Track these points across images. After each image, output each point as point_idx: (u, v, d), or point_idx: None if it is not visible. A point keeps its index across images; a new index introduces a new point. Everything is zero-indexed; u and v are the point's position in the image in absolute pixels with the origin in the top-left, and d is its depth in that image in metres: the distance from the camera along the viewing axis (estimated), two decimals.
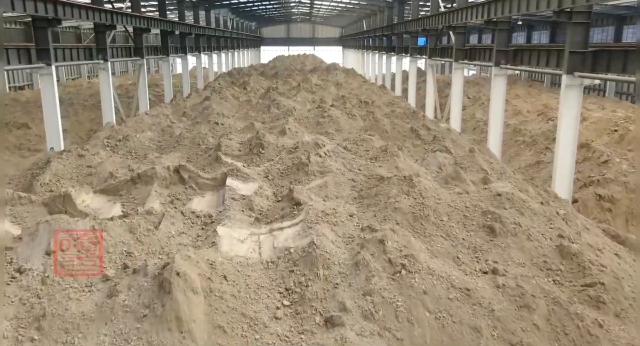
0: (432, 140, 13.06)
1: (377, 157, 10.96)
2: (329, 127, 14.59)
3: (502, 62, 19.78)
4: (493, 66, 20.02)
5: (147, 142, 13.16)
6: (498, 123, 20.16)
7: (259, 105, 19.45)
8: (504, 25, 19.73)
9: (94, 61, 23.58)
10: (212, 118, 15.28)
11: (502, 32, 19.82)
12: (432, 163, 11.31)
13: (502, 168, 11.13)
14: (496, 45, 19.88)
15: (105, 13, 23.13)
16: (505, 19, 19.46)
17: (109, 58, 24.13)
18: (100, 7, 22.84)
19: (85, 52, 23.20)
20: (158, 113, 18.77)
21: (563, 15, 14.55)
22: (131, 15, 26.13)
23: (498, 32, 19.80)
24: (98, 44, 23.71)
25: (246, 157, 11.48)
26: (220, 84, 29.17)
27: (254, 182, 9.67)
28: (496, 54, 19.79)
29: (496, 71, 19.94)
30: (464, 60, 24.50)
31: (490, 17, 19.40)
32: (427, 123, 15.26)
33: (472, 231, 8.01)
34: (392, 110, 17.89)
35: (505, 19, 19.46)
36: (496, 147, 20.10)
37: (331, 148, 10.79)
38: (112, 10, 23.88)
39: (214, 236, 7.42)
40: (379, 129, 14.28)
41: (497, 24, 19.70)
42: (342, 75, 32.47)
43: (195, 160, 11.95)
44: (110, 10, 23.67)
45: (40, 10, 17.79)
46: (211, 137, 13.86)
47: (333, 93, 23.15)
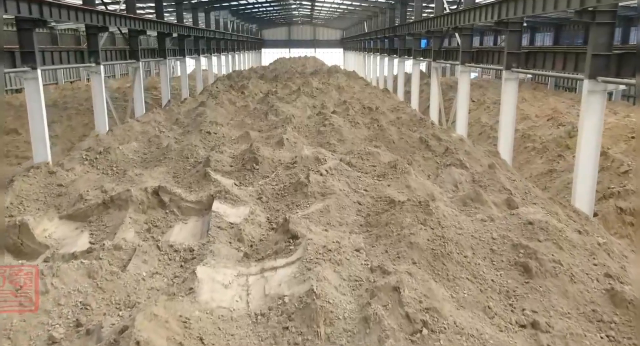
0: (444, 153, 11.62)
1: (385, 174, 9.52)
2: (331, 136, 13.15)
3: (513, 66, 18.33)
4: (504, 69, 18.56)
5: (131, 155, 11.73)
6: (509, 130, 18.72)
7: (257, 111, 18.02)
8: (516, 26, 18.28)
9: (86, 64, 22.15)
10: (204, 126, 13.84)
11: (514, 34, 18.36)
12: (446, 181, 9.87)
13: (526, 186, 9.69)
14: (507, 47, 18.43)
15: (97, 14, 21.70)
16: (517, 19, 18.02)
17: (102, 61, 22.71)
18: (92, 7, 21.42)
19: (76, 55, 21.76)
20: (149, 120, 17.36)
21: (585, 15, 13.11)
22: (125, 16, 24.69)
23: (509, 33, 18.35)
24: (90, 46, 22.27)
25: (238, 173, 10.05)
26: (218, 87, 27.75)
27: (245, 206, 8.24)
28: (507, 57, 18.33)
29: (507, 75, 18.48)
30: (471, 63, 23.06)
31: (501, 17, 17.95)
32: (437, 132, 13.81)
33: (502, 269, 6.58)
34: (398, 117, 16.44)
35: (517, 19, 18.02)
36: (507, 155, 18.65)
37: (333, 164, 9.34)
38: (105, 11, 22.46)
39: (192, 279, 5.99)
40: (385, 139, 12.84)
41: (508, 25, 18.26)
42: (344, 78, 31.04)
43: (182, 175, 10.52)
44: (103, 12, 22.24)
45: (23, 11, 16.34)
46: (202, 148, 12.43)
47: (334, 98, 21.71)
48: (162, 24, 30.12)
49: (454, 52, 26.22)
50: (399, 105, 19.54)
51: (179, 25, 33.85)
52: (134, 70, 27.52)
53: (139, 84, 27.12)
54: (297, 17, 76.42)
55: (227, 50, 50.98)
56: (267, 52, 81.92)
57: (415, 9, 32.00)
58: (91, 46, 22.36)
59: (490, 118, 28.51)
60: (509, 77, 18.49)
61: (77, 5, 20.59)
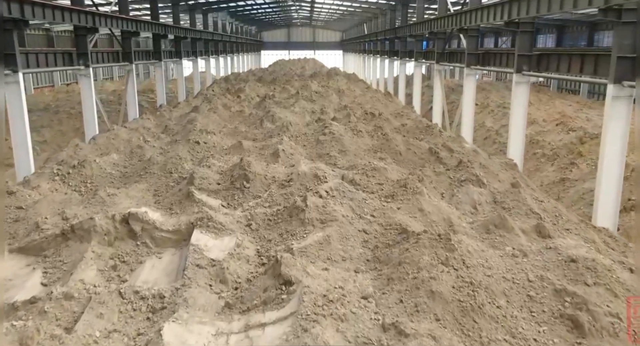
0: (458, 166, 10.24)
1: (395, 195, 8.14)
2: (331, 147, 11.77)
3: (524, 69, 16.98)
4: (514, 73, 17.20)
5: (110, 168, 10.34)
6: (519, 136, 17.35)
7: (252, 117, 16.65)
8: (528, 26, 16.91)
9: (74, 67, 20.79)
10: (193, 135, 12.45)
11: (525, 35, 16.99)
12: (463, 201, 8.50)
13: (555, 208, 8.31)
14: (518, 49, 17.06)
15: (85, 14, 20.33)
16: (529, 19, 16.66)
17: (92, 63, 21.36)
18: (80, 7, 20.05)
19: (64, 57, 20.40)
20: (138, 126, 15.98)
21: (611, 13, 11.75)
22: (117, 17, 23.31)
23: (520, 34, 16.98)
24: (79, 48, 20.90)
25: (226, 192, 8.67)
26: (214, 90, 26.36)
27: (231, 235, 6.86)
28: (518, 59, 16.97)
29: (518, 78, 17.12)
30: (477, 66, 21.70)
31: (512, 17, 16.58)
32: (448, 142, 12.43)
33: (544, 324, 5.21)
34: (403, 124, 15.05)
35: (529, 19, 16.66)
36: (517, 163, 17.29)
37: (334, 184, 7.97)
38: (94, 11, 21.08)
39: (158, 342, 4.63)
40: (391, 150, 11.46)
41: (519, 26, 16.90)
42: (344, 80, 29.65)
43: (164, 194, 9.15)
44: (92, 12, 20.86)
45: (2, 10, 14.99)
46: (190, 159, 11.06)
47: (334, 102, 20.34)
48: (156, 25, 28.73)
49: (459, 54, 24.88)
50: (403, 111, 18.15)
51: (175, 27, 32.47)
52: (127, 72, 26.17)
53: (132, 87, 25.75)
54: (296, 19, 75.08)
55: (226, 52, 49.61)
56: (266, 53, 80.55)
57: (417, 10, 30.64)
58: (80, 48, 20.99)
59: (495, 122, 27.15)
60: (520, 80, 17.13)
61: (64, 5, 19.22)
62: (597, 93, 37.97)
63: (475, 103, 30.10)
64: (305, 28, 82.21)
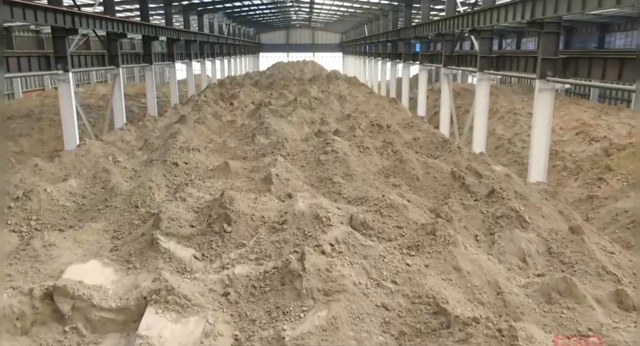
0: (490, 196, 8.24)
1: (420, 246, 6.14)
2: (334, 169, 9.77)
3: (548, 74, 14.99)
4: (537, 79, 15.21)
5: (64, 200, 8.31)
6: (542, 149, 15.36)
7: (245, 129, 14.65)
8: (553, 27, 14.91)
9: (52, 72, 18.79)
10: (172, 154, 10.42)
11: (550, 36, 14.99)
12: (508, 251, 6.50)
13: (630, 261, 6.32)
14: (542, 52, 15.06)
15: (63, 14, 18.34)
16: (555, 19, 14.68)
17: (72, 67, 19.37)
18: (57, 7, 18.04)
19: (40, 61, 18.39)
20: (116, 139, 14.00)
21: None
22: (100, 17, 21.32)
23: (544, 35, 14.98)
24: (56, 51, 18.90)
25: (202, 238, 6.66)
26: (207, 96, 24.34)
27: (199, 315, 4.87)
28: (542, 64, 14.97)
29: (541, 85, 15.12)
30: (490, 70, 19.71)
31: (535, 17, 14.60)
32: (472, 162, 10.43)
33: None
34: (415, 138, 13.02)
35: (555, 19, 14.68)
36: (540, 178, 15.33)
37: (342, 234, 5.97)
38: (73, 11, 19.08)
39: None
40: (406, 174, 9.45)
41: (543, 26, 14.91)
42: (345, 85, 27.63)
43: (125, 236, 7.15)
44: (71, 12, 18.87)
45: None
46: (165, 186, 9.06)
47: (336, 110, 18.34)
48: (146, 26, 26.72)
49: (469, 57, 22.91)
50: (413, 121, 16.12)
51: (166, 28, 30.46)
52: (114, 77, 24.16)
53: (119, 92, 23.74)
54: (295, 21, 73.09)
55: (223, 54, 47.59)
56: (264, 56, 78.51)
57: (422, 10, 28.64)
58: (58, 51, 18.99)
59: (506, 129, 25.13)
60: (544, 87, 15.13)
61: (38, 4, 17.22)
62: (608, 97, 35.96)
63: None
64: (304, 30, 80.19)
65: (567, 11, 12.92)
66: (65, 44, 18.92)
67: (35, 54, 19.38)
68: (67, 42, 19.19)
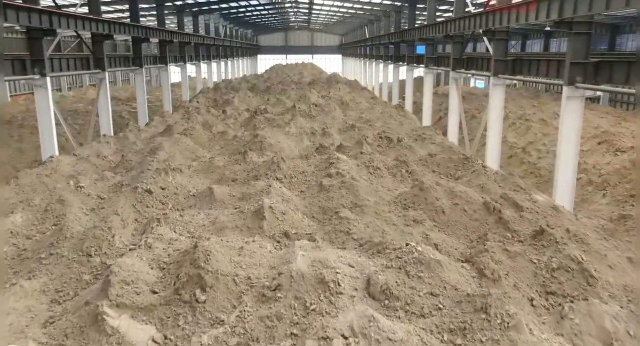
0: (537, 237, 6.48)
1: (466, 328, 4.37)
2: (341, 197, 8.00)
3: (578, 80, 13.26)
4: (565, 85, 13.46)
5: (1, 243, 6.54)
6: (570, 165, 13.61)
7: (237, 142, 12.87)
8: (584, 27, 13.17)
9: (27, 76, 16.99)
10: (146, 178, 8.64)
11: (580, 38, 13.25)
12: (585, 330, 4.72)
13: None
14: (571, 55, 13.32)
15: (40, 14, 16.53)
16: (586, 18, 12.94)
17: (49, 72, 17.59)
18: (31, 6, 16.25)
19: (14, 65, 16.60)
20: (91, 154, 12.23)
21: None
22: (82, 17, 19.52)
23: (574, 37, 13.24)
24: (32, 54, 17.11)
25: (165, 310, 4.87)
26: (199, 101, 22.57)
27: None
28: (570, 68, 13.23)
29: (570, 92, 13.37)
30: (505, 74, 17.96)
31: (564, 16, 12.86)
32: (504, 186, 8.66)
33: None
34: (431, 154, 11.23)
35: (586, 18, 12.94)
36: (568, 197, 13.60)
37: (359, 319, 4.19)
38: (51, 10, 17.29)
39: None
40: (429, 206, 7.67)
41: (572, 26, 13.18)
42: (346, 89, 25.85)
43: (68, 299, 5.38)
44: (48, 11, 17.07)
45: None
46: (132, 221, 7.29)
47: (338, 119, 16.57)
48: (135, 27, 24.90)
49: (479, 60, 21.16)
50: (425, 132, 14.31)
51: (158, 29, 28.64)
52: (99, 81, 22.36)
53: (105, 98, 21.92)
54: (294, 22, 71.38)
55: (219, 56, 45.80)
56: (263, 58, 76.72)
57: (428, 11, 26.87)
58: (34, 54, 17.19)
59: (519, 137, 23.38)
60: (573, 94, 13.38)
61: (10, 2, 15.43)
62: (619, 101, 34.25)
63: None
64: (303, 31, 78.44)
65: (606, 9, 11.18)
66: (42, 46, 17.14)
67: (9, 56, 17.58)
68: (45, 44, 17.44)
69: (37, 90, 17.58)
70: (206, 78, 42.05)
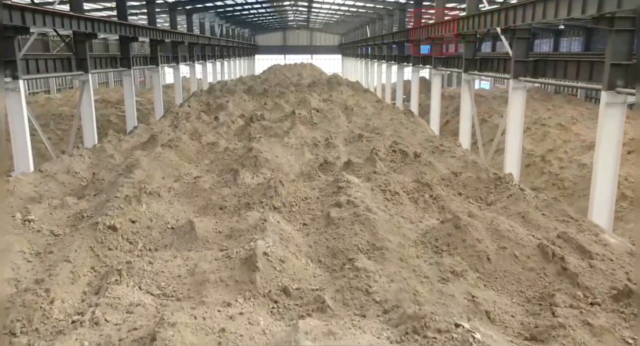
0: (621, 302, 4.87)
1: None
2: (354, 235, 6.36)
3: (618, 84, 11.65)
4: (604, 90, 11.84)
5: None
6: (610, 181, 12.02)
7: (228, 157, 11.21)
8: (625, 23, 11.56)
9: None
10: (112, 210, 6.98)
11: (621, 36, 11.62)
12: None
13: None
14: (610, 56, 11.71)
15: (10, 9, 14.89)
16: (630, 13, 11.33)
17: (22, 74, 15.94)
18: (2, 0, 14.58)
19: None
20: (58, 170, 10.55)
21: None
22: (62, 14, 17.86)
23: (614, 35, 11.61)
24: (2, 55, 15.43)
25: None
26: (191, 106, 20.92)
27: None
28: (610, 71, 11.62)
29: (609, 98, 11.76)
30: (526, 77, 16.34)
31: (603, 11, 11.24)
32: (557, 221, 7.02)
33: None
34: (455, 173, 9.57)
35: (630, 13, 11.33)
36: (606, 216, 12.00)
37: None
38: (23, 6, 15.63)
39: None
40: (468, 250, 6.02)
41: (613, 23, 11.57)
42: (349, 92, 24.19)
43: None
44: (20, 6, 15.42)
45: None
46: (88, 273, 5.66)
47: (343, 127, 14.92)
48: (122, 25, 23.23)
49: (495, 60, 19.54)
50: (442, 144, 12.66)
51: (148, 28, 26.97)
52: (81, 84, 20.69)
53: (89, 102, 20.30)
54: (292, 22, 69.74)
55: (215, 57, 44.15)
56: (261, 58, 75.03)
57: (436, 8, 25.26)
58: (5, 54, 15.55)
59: (536, 144, 21.77)
60: (613, 101, 11.76)
61: None
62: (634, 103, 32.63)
63: (500, 116, 24.92)
64: (302, 31, 76.79)
65: None
66: (13, 45, 15.48)
67: None
68: (17, 44, 15.79)
69: (7, 95, 15.88)
70: (201, 79, 40.42)
